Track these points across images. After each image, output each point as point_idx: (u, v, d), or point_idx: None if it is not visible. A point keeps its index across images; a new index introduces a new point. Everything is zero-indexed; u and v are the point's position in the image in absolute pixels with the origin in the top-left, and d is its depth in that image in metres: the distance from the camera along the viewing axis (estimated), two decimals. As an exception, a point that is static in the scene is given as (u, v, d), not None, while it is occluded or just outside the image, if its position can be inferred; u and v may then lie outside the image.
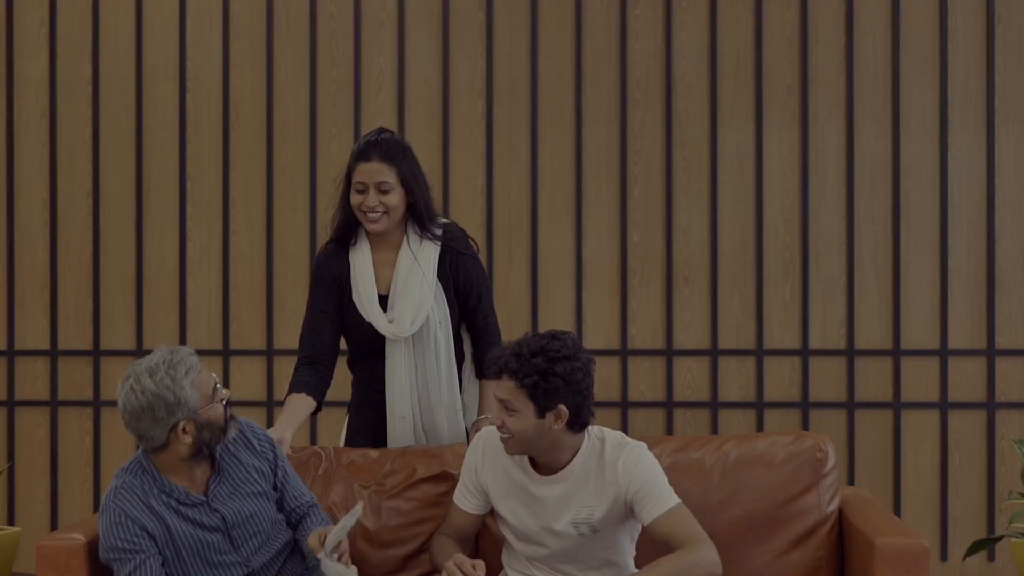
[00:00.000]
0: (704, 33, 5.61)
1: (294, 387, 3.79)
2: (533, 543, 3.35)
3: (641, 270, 5.62)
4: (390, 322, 3.78)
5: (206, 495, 3.30)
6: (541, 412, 3.21)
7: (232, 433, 3.31)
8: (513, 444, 3.25)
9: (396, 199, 3.74)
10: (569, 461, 3.28)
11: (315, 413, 3.85)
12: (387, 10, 5.67)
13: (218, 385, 3.27)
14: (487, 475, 3.39)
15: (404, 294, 3.77)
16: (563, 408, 3.21)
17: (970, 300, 5.56)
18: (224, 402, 3.28)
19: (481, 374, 3.87)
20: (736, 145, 5.60)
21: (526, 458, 3.33)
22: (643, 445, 3.30)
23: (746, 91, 5.60)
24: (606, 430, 3.34)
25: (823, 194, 5.59)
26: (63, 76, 5.74)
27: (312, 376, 3.80)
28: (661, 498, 3.21)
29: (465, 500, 3.44)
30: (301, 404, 3.76)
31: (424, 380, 3.82)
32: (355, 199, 3.76)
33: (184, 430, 3.20)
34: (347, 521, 3.22)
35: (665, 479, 3.25)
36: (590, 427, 3.32)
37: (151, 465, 3.28)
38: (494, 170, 5.64)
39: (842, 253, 5.58)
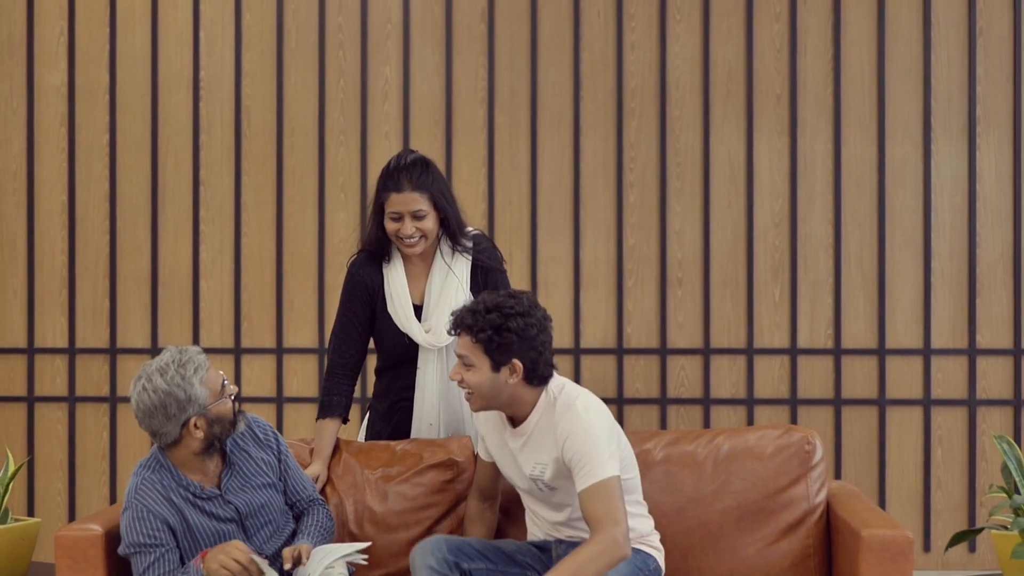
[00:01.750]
0: (697, 45, 5.61)
1: (328, 410, 3.76)
2: (517, 485, 3.39)
3: (636, 272, 5.62)
4: (427, 332, 3.74)
5: (219, 488, 3.31)
6: (496, 367, 3.22)
7: (242, 426, 3.32)
8: (475, 400, 3.27)
9: (431, 223, 3.70)
10: (528, 415, 3.29)
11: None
12: (393, 22, 5.68)
13: (226, 382, 3.29)
14: (485, 426, 3.42)
15: (440, 305, 3.74)
16: (517, 363, 3.22)
17: (952, 301, 5.56)
18: (232, 397, 3.29)
19: None
20: (727, 152, 5.60)
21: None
22: (588, 408, 3.21)
23: (737, 100, 5.60)
24: (568, 386, 3.30)
25: (811, 199, 5.59)
26: (81, 85, 5.74)
27: (341, 395, 3.77)
28: (590, 470, 3.14)
29: (481, 450, 3.48)
30: (332, 432, 3.74)
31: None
32: (391, 227, 3.69)
33: (196, 425, 3.22)
34: (346, 549, 3.23)
35: (602, 447, 3.15)
36: (553, 382, 3.30)
37: (167, 460, 3.28)
38: (495, 175, 5.65)
39: (829, 256, 5.58)
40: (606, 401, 5.52)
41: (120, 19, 5.73)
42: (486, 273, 3.80)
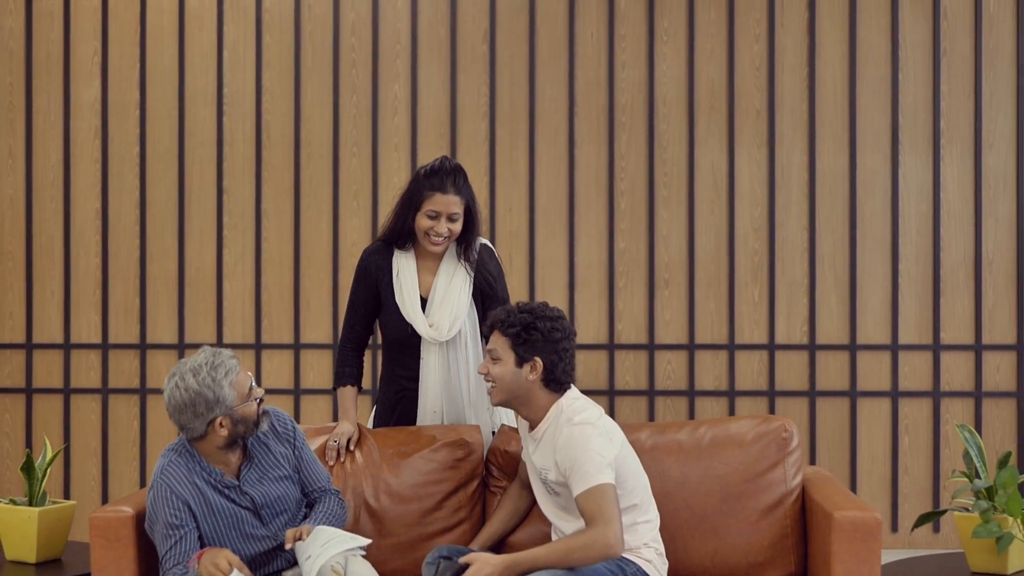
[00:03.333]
0: (682, 64, 5.62)
1: (343, 379, 3.83)
2: (533, 483, 3.39)
3: (626, 273, 5.62)
4: (430, 327, 3.74)
5: (238, 479, 3.30)
6: (520, 362, 3.24)
7: (264, 426, 3.31)
8: (496, 392, 3.29)
9: (459, 226, 3.71)
10: (541, 421, 3.30)
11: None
12: (401, 43, 5.68)
13: (254, 385, 3.27)
14: (520, 429, 3.44)
15: (444, 303, 3.74)
16: (539, 361, 3.23)
17: (918, 301, 5.56)
18: (258, 401, 3.28)
19: None
20: (711, 163, 5.61)
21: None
22: (588, 425, 3.18)
23: (720, 115, 5.60)
24: (579, 402, 3.28)
25: (788, 206, 5.59)
26: (114, 100, 5.75)
27: (353, 365, 3.83)
28: (584, 477, 3.12)
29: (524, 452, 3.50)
30: (352, 396, 3.81)
31: (457, 379, 3.78)
32: (425, 223, 3.69)
33: (221, 424, 3.21)
34: (348, 543, 3.14)
35: (597, 459, 3.13)
36: (568, 395, 3.30)
37: (193, 448, 3.28)
38: (496, 184, 5.65)
39: (805, 259, 5.58)
40: (598, 393, 5.56)
41: (150, 40, 5.74)
42: (484, 300, 3.80)
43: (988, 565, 3.53)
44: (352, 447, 3.67)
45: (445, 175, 3.68)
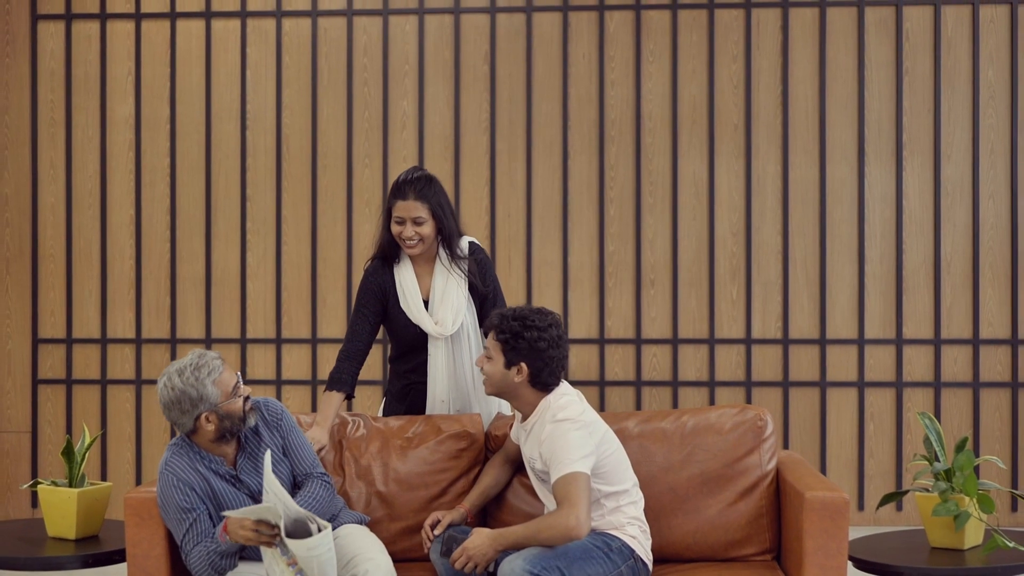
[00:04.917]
0: (667, 82, 5.62)
1: (334, 384, 3.73)
2: (527, 466, 3.38)
3: (616, 274, 5.63)
4: (435, 324, 3.73)
5: (235, 468, 3.27)
6: (508, 364, 3.24)
7: (252, 421, 3.26)
8: (488, 385, 3.30)
9: (428, 229, 3.68)
10: (530, 415, 3.29)
11: (347, 399, 3.82)
12: (410, 63, 5.68)
13: (240, 384, 3.23)
14: (515, 416, 3.44)
15: (444, 301, 3.73)
16: (524, 366, 3.22)
17: (882, 299, 5.57)
18: (244, 398, 3.23)
19: None
20: (693, 173, 5.61)
21: None
22: (568, 421, 3.16)
23: (701, 129, 5.60)
24: (565, 398, 3.25)
25: (763, 212, 5.59)
26: (146, 116, 5.74)
27: (348, 373, 3.75)
28: (559, 466, 3.11)
29: (512, 432, 3.48)
30: (336, 403, 3.70)
31: (461, 370, 3.77)
32: (395, 229, 3.70)
33: (207, 419, 3.18)
34: (298, 510, 3.01)
35: (572, 451, 3.11)
36: (556, 392, 3.28)
37: (191, 441, 3.27)
38: (496, 193, 5.65)
39: (779, 260, 5.59)
40: (589, 384, 5.56)
41: (179, 60, 5.74)
42: (478, 296, 3.78)
43: (946, 541, 3.53)
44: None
45: (406, 184, 3.68)
